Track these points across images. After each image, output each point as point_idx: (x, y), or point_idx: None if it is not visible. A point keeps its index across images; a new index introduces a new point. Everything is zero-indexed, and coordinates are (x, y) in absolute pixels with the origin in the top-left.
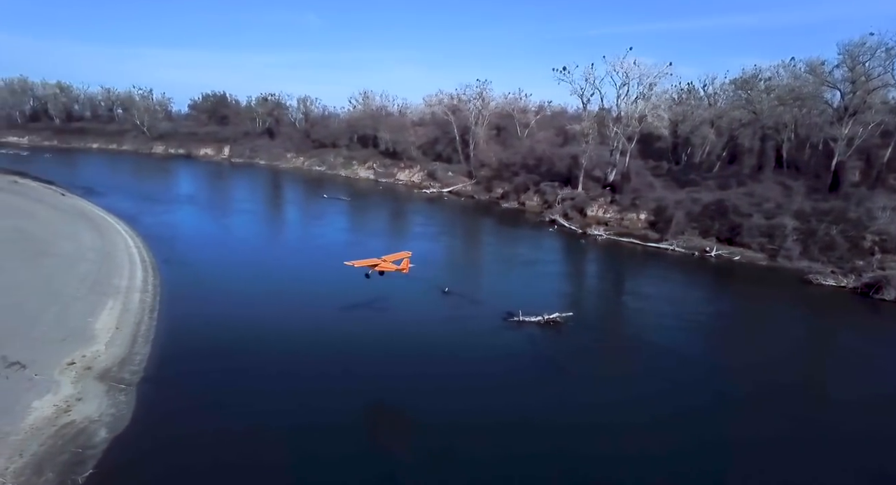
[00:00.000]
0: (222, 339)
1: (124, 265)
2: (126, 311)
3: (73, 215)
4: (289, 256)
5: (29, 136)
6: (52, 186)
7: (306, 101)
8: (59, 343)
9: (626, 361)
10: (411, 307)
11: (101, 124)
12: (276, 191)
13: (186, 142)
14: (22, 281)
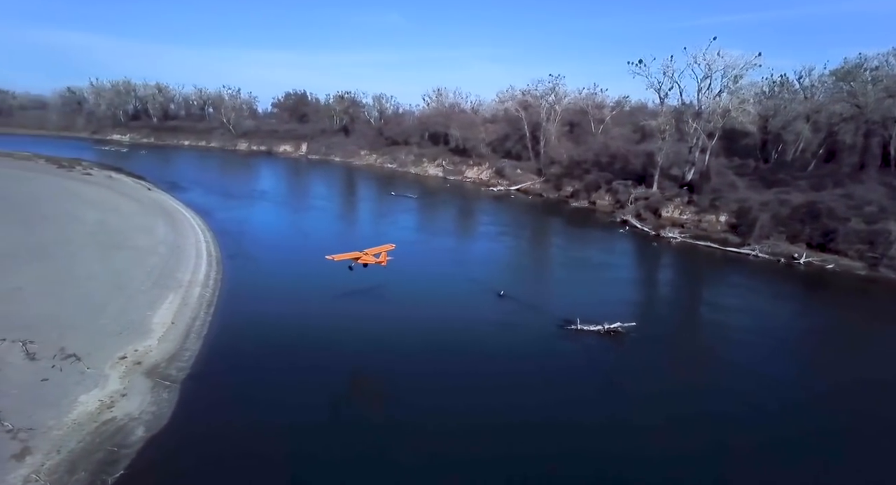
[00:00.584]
0: (273, 336)
1: (190, 259)
2: (184, 305)
3: (153, 209)
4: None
5: (130, 133)
6: (141, 181)
7: (381, 99)
8: (115, 336)
9: (696, 381)
10: (462, 311)
11: (193, 122)
12: (346, 188)
13: (268, 139)
14: (94, 273)
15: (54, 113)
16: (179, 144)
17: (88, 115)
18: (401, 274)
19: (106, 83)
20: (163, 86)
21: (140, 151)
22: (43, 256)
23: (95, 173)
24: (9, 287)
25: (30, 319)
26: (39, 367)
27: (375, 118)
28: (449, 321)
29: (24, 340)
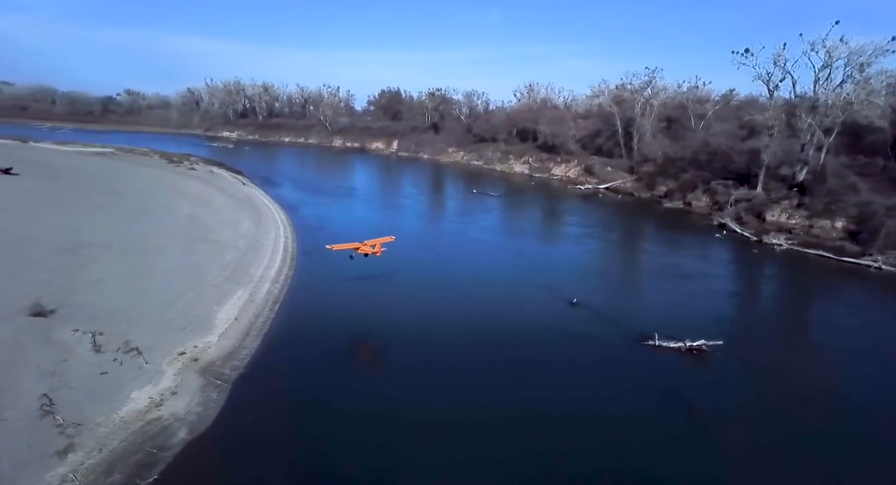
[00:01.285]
0: (334, 337)
1: (266, 255)
2: (251, 301)
3: (242, 204)
4: (423, 254)
5: (237, 130)
6: (238, 176)
7: (472, 96)
8: (179, 331)
9: (796, 419)
10: (530, 319)
11: (294, 120)
12: (430, 186)
13: (361, 136)
14: (174, 266)
15: (175, 112)
16: (280, 141)
17: (203, 113)
18: (472, 277)
19: (219, 84)
20: (269, 85)
21: (244, 148)
22: (132, 248)
23: (199, 168)
24: (94, 278)
25: (106, 310)
26: (102, 359)
27: (465, 115)
28: (514, 329)
29: (95, 331)
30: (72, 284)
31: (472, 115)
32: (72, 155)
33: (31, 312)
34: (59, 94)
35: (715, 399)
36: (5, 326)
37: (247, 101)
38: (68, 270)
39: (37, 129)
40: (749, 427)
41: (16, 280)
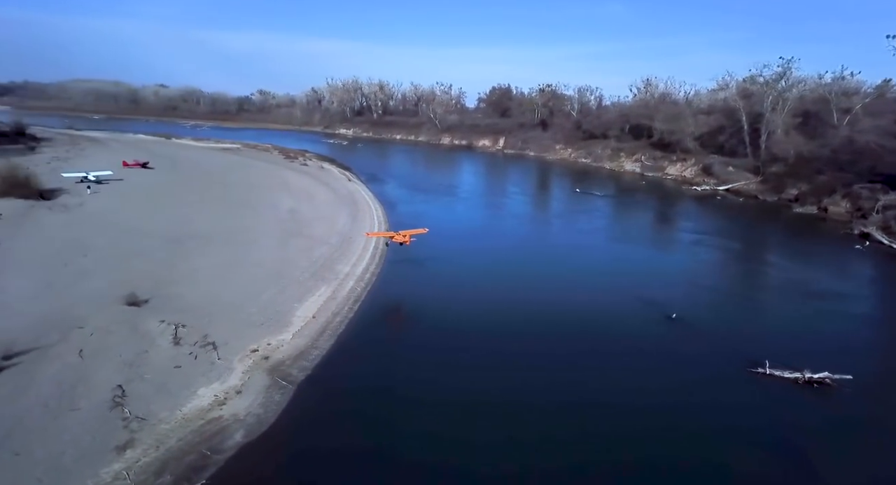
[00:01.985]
0: (412, 340)
1: (356, 252)
2: (331, 299)
3: (343, 200)
4: (514, 256)
5: (353, 128)
6: (346, 172)
7: (585, 91)
8: (256, 327)
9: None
10: (622, 331)
11: (406, 118)
12: (532, 184)
13: (468, 133)
14: (265, 260)
15: (299, 110)
16: (392, 138)
17: (324, 111)
18: (563, 284)
19: (339, 83)
20: (384, 84)
21: (357, 145)
22: (231, 241)
23: (311, 164)
24: (190, 269)
25: (193, 302)
26: (179, 353)
27: (576, 111)
28: (602, 343)
29: (178, 323)
30: (169, 274)
31: (582, 112)
32: (203, 151)
33: (127, 301)
34: (204, 95)
35: (838, 448)
36: (102, 313)
37: (363, 99)
38: (170, 260)
39: (181, 126)
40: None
41: (123, 269)
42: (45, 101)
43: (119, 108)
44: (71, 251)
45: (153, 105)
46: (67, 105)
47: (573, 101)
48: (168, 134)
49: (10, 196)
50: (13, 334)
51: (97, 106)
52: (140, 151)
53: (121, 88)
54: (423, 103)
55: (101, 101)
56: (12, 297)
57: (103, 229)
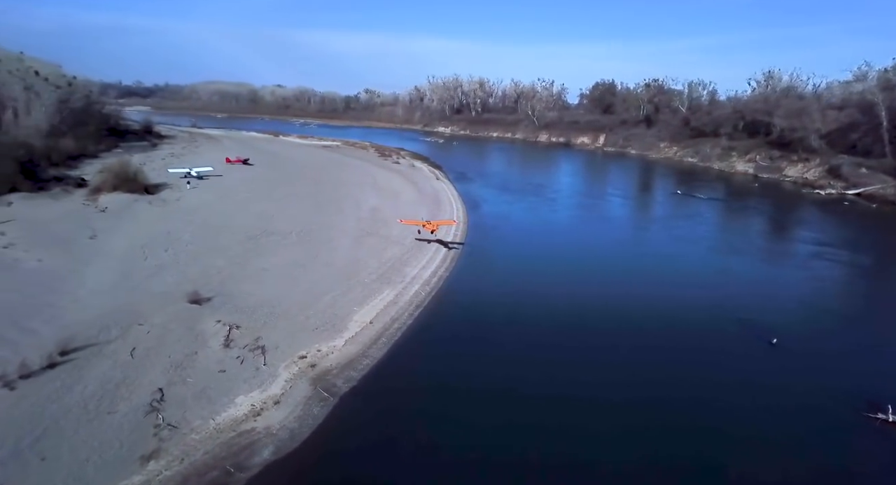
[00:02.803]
0: (471, 356)
1: (427, 253)
2: (393, 304)
3: (427, 199)
4: (600, 265)
5: (451, 126)
6: (436, 171)
7: (696, 86)
8: (310, 331)
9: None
10: (716, 359)
11: (504, 115)
12: (630, 184)
13: (567, 130)
14: (335, 259)
15: (400, 108)
16: (489, 136)
17: (424, 109)
18: (651, 299)
19: (439, 81)
20: (484, 81)
21: (453, 143)
22: (307, 239)
23: (403, 162)
24: (260, 267)
25: (254, 302)
26: (226, 356)
27: (685, 107)
28: (690, 372)
29: (234, 324)
30: (240, 272)
31: (691, 108)
32: (305, 148)
33: (191, 298)
34: (315, 95)
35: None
36: (165, 310)
37: (463, 96)
38: (244, 257)
39: (292, 124)
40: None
41: (198, 264)
42: (179, 101)
43: (240, 107)
44: (155, 245)
45: (269, 104)
46: (197, 105)
47: (682, 97)
48: (277, 132)
49: (120, 190)
50: (77, 329)
51: (221, 105)
52: (247, 148)
53: (242, 89)
54: (523, 100)
55: (224, 101)
56: (89, 289)
57: (190, 224)
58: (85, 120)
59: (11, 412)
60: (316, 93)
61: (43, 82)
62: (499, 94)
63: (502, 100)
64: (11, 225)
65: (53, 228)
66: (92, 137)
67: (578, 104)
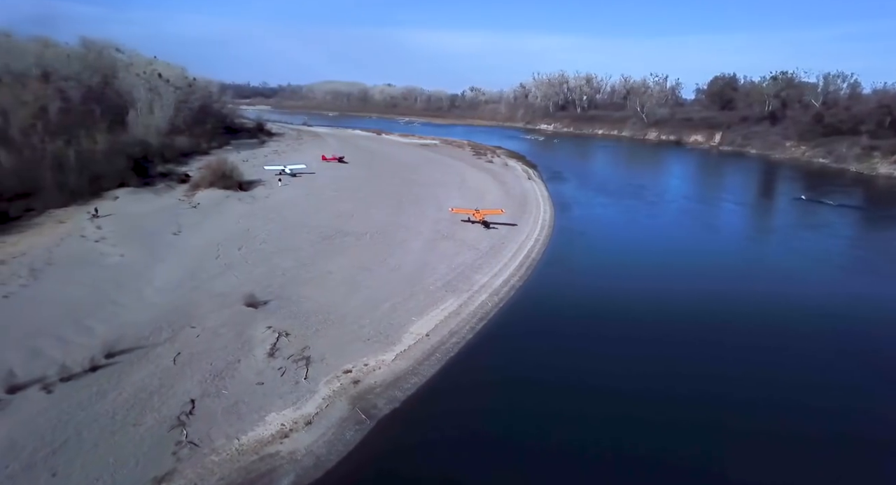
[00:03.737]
0: (531, 384)
1: (503, 260)
2: (454, 315)
3: (513, 200)
4: (698, 283)
5: (554, 123)
6: (530, 170)
7: (833, 79)
8: (361, 342)
9: None
10: (815, 406)
11: (610, 112)
12: (746, 188)
13: (678, 128)
14: (403, 263)
15: (503, 106)
16: (593, 134)
17: (527, 107)
18: (751, 326)
19: (544, 77)
20: (591, 76)
21: (554, 141)
22: (380, 241)
23: (496, 161)
24: (326, 270)
25: (311, 307)
26: (268, 367)
27: (819, 101)
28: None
29: (284, 331)
30: (304, 274)
31: (826, 102)
32: (402, 146)
33: (247, 301)
34: (421, 94)
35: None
36: (219, 313)
37: (568, 93)
38: (312, 258)
39: (396, 122)
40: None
41: (265, 265)
42: (296, 100)
43: (350, 105)
44: (231, 243)
45: (378, 103)
46: (312, 104)
47: (815, 91)
48: (380, 130)
49: (216, 187)
50: (131, 329)
51: (334, 104)
52: (348, 146)
53: (354, 88)
54: (633, 96)
55: (337, 100)
56: (155, 287)
57: (270, 222)
58: (202, 119)
59: (39, 419)
60: (423, 91)
61: (165, 84)
62: (607, 90)
63: (610, 96)
64: (110, 219)
65: (145, 223)
66: (207, 135)
67: (694, 100)
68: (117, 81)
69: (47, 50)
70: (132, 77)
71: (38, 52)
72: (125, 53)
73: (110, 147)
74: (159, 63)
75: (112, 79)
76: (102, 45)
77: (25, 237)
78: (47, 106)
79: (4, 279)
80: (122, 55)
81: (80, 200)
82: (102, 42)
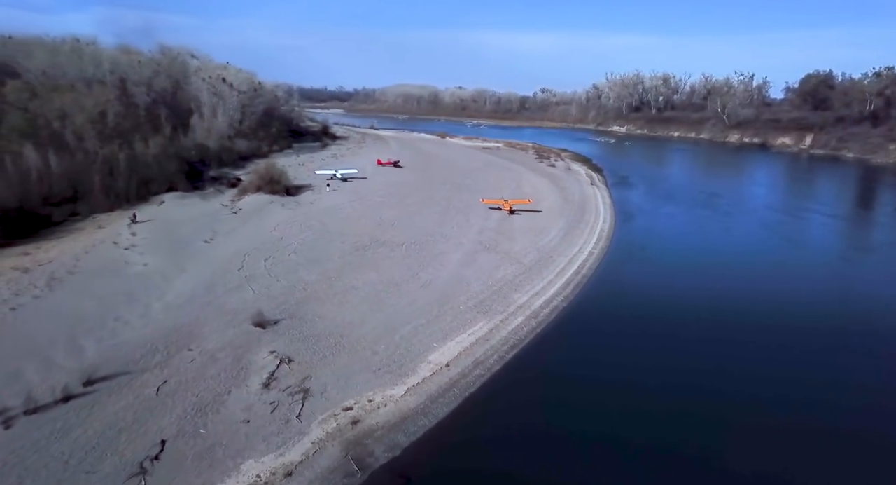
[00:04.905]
0: (564, 436)
1: (547, 276)
2: (482, 341)
3: (570, 207)
4: (778, 312)
5: (627, 125)
6: (594, 174)
7: None
8: (370, 373)
9: None
10: None
11: (688, 113)
12: (838, 196)
13: (764, 130)
14: (436, 279)
15: (574, 108)
16: (668, 136)
17: (599, 108)
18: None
19: (618, 78)
20: (669, 76)
21: (625, 143)
22: (415, 252)
23: (559, 165)
24: (350, 284)
25: (324, 328)
26: (260, 400)
27: None
28: None
29: (288, 356)
30: (326, 289)
31: None
32: (464, 149)
33: (256, 320)
34: (491, 96)
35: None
36: (223, 333)
37: (644, 93)
38: (339, 271)
39: (463, 125)
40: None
41: (288, 278)
42: (368, 104)
43: (420, 108)
44: (259, 252)
45: (448, 105)
46: (383, 107)
47: None
48: (444, 133)
49: (263, 191)
50: (124, 350)
51: (404, 107)
52: (407, 150)
53: (425, 91)
54: (714, 96)
55: (407, 103)
56: (165, 301)
57: (307, 230)
58: (267, 122)
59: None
60: (493, 94)
61: (228, 88)
62: (685, 89)
63: (689, 96)
64: (148, 225)
65: (181, 230)
66: (269, 138)
67: (783, 100)
68: (186, 86)
69: (124, 57)
70: (197, 82)
71: (114, 58)
72: (199, 59)
73: (163, 151)
74: (229, 68)
75: (183, 84)
76: (178, 51)
77: (61, 243)
78: (106, 110)
79: (21, 289)
80: (197, 61)
81: (127, 204)
82: (179, 49)
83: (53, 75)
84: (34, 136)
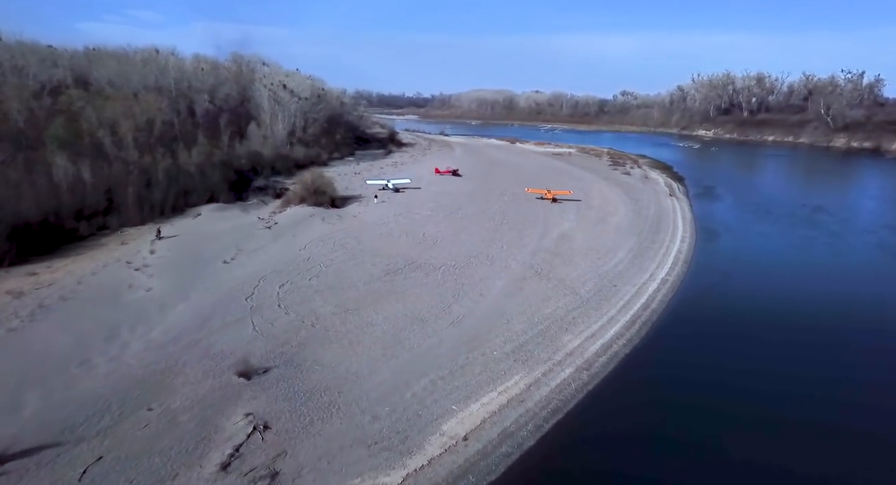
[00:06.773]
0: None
1: (608, 312)
2: (516, 403)
3: (643, 223)
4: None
5: (714, 129)
6: (674, 184)
7: None
8: (363, 449)
9: None
10: None
11: (785, 115)
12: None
13: (877, 133)
14: (469, 315)
15: (656, 111)
16: (762, 140)
17: (684, 111)
18: None
19: (705, 78)
20: (764, 75)
21: (711, 148)
22: (453, 277)
23: (635, 172)
24: (366, 321)
25: (318, 381)
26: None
27: None
28: None
29: (264, 422)
30: (338, 326)
31: None
32: (532, 156)
33: (241, 369)
34: (568, 99)
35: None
36: (198, 385)
37: (734, 94)
38: (360, 302)
39: (538, 130)
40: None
41: (298, 310)
42: (443, 110)
43: (494, 113)
44: (277, 275)
45: (523, 110)
46: (457, 113)
47: None
48: (514, 139)
49: (306, 203)
50: (70, 410)
51: (479, 112)
52: (472, 157)
53: (500, 96)
54: (817, 96)
55: (481, 108)
56: (146, 340)
57: (341, 248)
58: (331, 129)
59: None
60: (571, 97)
61: (289, 95)
62: (782, 90)
63: (786, 97)
64: (171, 242)
65: (204, 247)
66: (332, 146)
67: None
68: (252, 93)
69: (189, 65)
70: (258, 88)
71: (180, 66)
72: (269, 66)
73: (207, 159)
74: (294, 75)
75: (249, 91)
76: (248, 59)
77: (75, 261)
78: (154, 118)
79: (1, 319)
80: (267, 68)
81: (161, 217)
82: (249, 57)
83: (118, 84)
84: (74, 145)
